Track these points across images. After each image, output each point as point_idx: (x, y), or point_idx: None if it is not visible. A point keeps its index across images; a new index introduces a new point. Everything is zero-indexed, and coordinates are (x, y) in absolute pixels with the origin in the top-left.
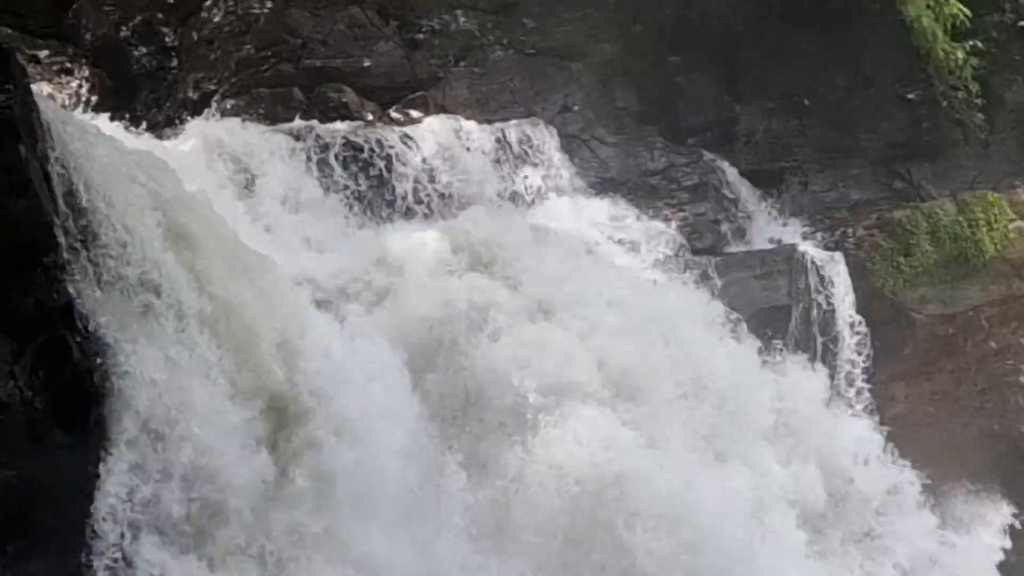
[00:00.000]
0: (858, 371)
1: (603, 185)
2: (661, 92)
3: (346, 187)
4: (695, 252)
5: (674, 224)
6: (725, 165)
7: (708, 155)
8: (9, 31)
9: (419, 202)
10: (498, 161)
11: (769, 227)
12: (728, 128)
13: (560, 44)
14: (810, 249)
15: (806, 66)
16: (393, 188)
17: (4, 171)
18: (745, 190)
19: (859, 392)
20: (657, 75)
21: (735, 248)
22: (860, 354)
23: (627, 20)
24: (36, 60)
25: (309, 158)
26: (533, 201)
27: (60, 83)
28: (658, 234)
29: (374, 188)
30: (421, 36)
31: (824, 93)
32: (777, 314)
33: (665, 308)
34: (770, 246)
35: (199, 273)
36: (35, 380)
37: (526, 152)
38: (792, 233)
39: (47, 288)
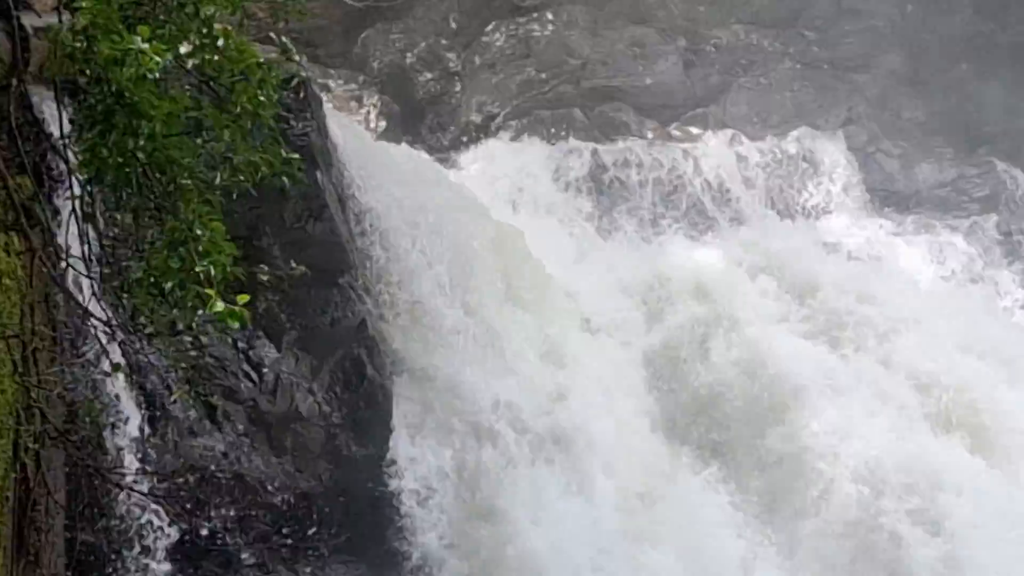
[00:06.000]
0: None
1: (889, 198)
2: (950, 102)
3: (626, 202)
4: (986, 265)
5: (961, 236)
6: (1020, 174)
7: (1001, 164)
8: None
9: (700, 217)
10: (779, 176)
11: None
12: (1023, 136)
13: (844, 56)
14: None
15: None
16: (674, 204)
17: (303, 197)
18: None
19: None
20: (945, 85)
21: None
22: None
23: (914, 30)
24: (328, 89)
25: (591, 177)
26: (815, 216)
27: (350, 110)
28: (946, 247)
29: (654, 204)
30: (702, 53)
31: None
32: None
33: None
34: None
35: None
36: (332, 396)
37: (808, 166)
38: None
39: (343, 307)
